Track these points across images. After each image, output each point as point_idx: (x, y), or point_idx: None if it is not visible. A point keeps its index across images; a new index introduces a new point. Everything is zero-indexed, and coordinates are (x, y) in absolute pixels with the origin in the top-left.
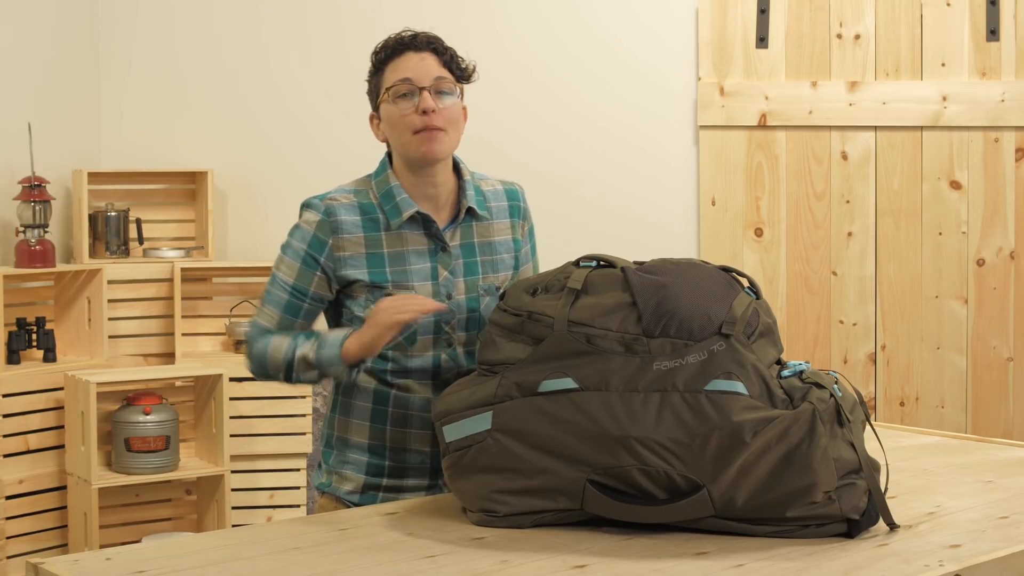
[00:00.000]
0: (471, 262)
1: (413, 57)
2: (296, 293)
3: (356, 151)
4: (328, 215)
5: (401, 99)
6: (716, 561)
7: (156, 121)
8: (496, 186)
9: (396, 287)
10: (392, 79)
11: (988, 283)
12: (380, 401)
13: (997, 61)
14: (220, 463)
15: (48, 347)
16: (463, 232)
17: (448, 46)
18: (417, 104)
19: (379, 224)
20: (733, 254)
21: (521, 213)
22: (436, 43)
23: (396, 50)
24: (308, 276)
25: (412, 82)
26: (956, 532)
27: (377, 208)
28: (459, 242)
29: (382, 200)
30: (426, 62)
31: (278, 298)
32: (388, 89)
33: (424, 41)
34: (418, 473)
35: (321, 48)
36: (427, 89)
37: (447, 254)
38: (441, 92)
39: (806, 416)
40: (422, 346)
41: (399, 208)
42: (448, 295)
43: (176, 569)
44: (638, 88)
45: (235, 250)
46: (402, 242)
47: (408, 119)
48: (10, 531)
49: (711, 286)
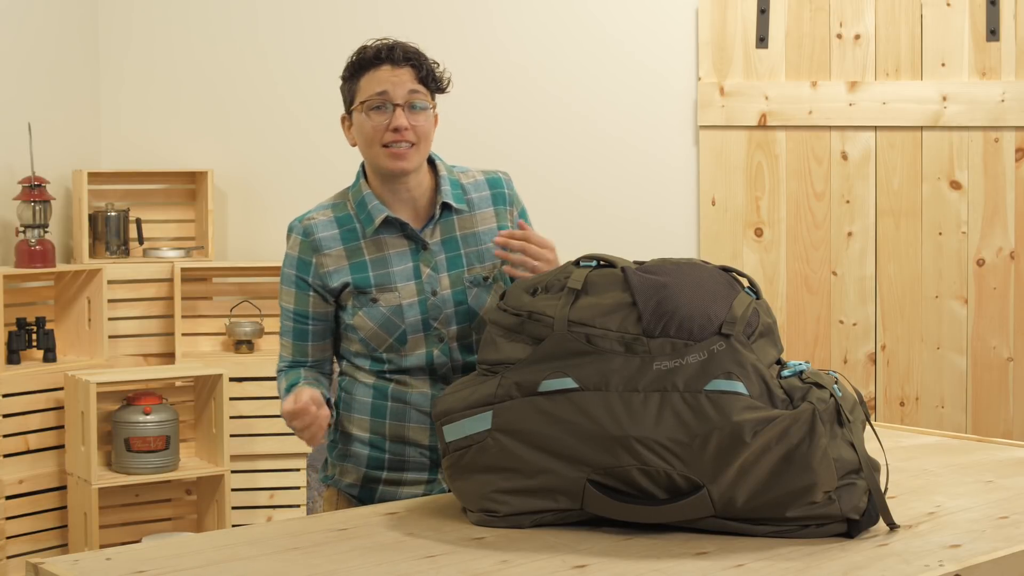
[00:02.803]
0: (454, 256)
1: (389, 71)
2: (299, 318)
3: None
4: (307, 235)
5: (374, 111)
6: (716, 561)
7: (156, 121)
8: (477, 177)
9: (380, 290)
10: (367, 91)
11: (988, 283)
12: (379, 395)
13: (997, 61)
14: (220, 463)
15: (48, 347)
16: (443, 227)
17: (426, 60)
18: (390, 120)
19: (357, 233)
20: (733, 254)
21: (506, 200)
22: (414, 58)
23: (374, 62)
24: (304, 299)
25: (387, 96)
26: (956, 532)
27: (354, 218)
28: (440, 238)
29: (357, 209)
30: (402, 76)
31: (287, 328)
32: (363, 102)
33: (402, 55)
34: (417, 466)
35: (321, 48)
36: (401, 106)
37: (428, 252)
38: (414, 106)
39: (806, 416)
40: (413, 345)
41: (371, 215)
42: (433, 291)
43: (176, 569)
44: (638, 88)
45: (235, 250)
46: (382, 247)
47: (380, 133)
48: (10, 531)
49: (711, 286)
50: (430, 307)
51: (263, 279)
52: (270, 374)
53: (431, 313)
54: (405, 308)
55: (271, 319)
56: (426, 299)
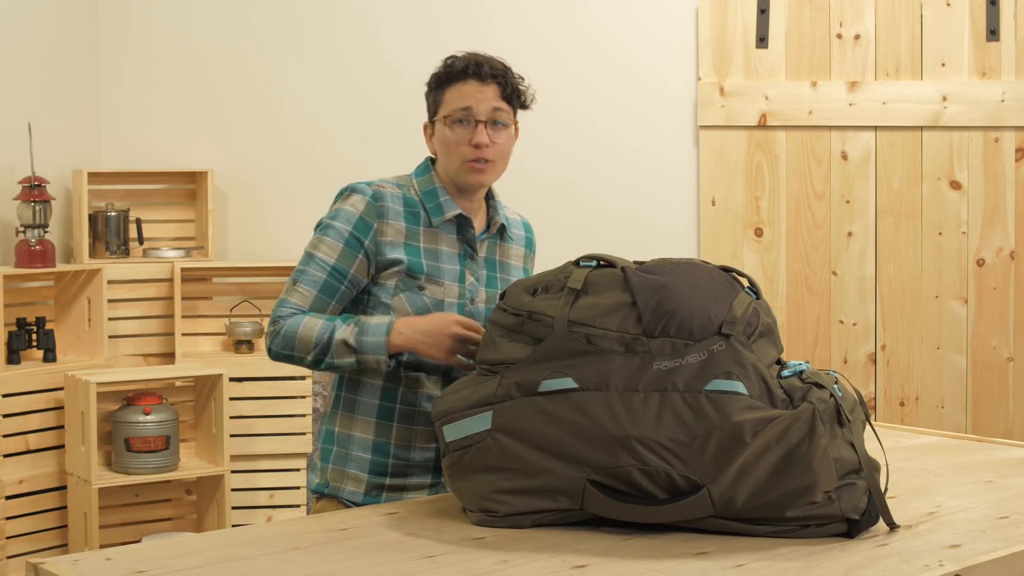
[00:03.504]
0: (492, 276)
1: (476, 86)
2: (336, 274)
3: (355, 151)
4: (376, 199)
5: (457, 125)
6: (716, 561)
7: (156, 121)
8: (515, 216)
9: (429, 280)
10: (452, 104)
11: (988, 283)
12: (388, 398)
13: (997, 61)
14: (220, 463)
15: (48, 347)
16: (489, 246)
17: (512, 77)
18: (472, 136)
19: (419, 219)
20: (733, 254)
21: (532, 246)
22: (501, 75)
23: (461, 76)
24: (350, 258)
25: (471, 113)
26: (956, 532)
27: (419, 204)
28: (484, 255)
29: (424, 198)
30: (487, 93)
31: (315, 277)
32: (447, 116)
33: (489, 72)
34: (421, 471)
35: (321, 48)
36: (484, 123)
37: (475, 262)
38: (497, 123)
39: (806, 416)
40: None
41: (442, 208)
42: (471, 300)
43: (176, 569)
44: (638, 88)
45: (235, 250)
46: (437, 240)
47: (461, 148)
48: (10, 531)
49: (711, 286)
50: (465, 314)
51: (263, 279)
52: (270, 374)
53: None
54: (446, 306)
55: None
56: (464, 304)
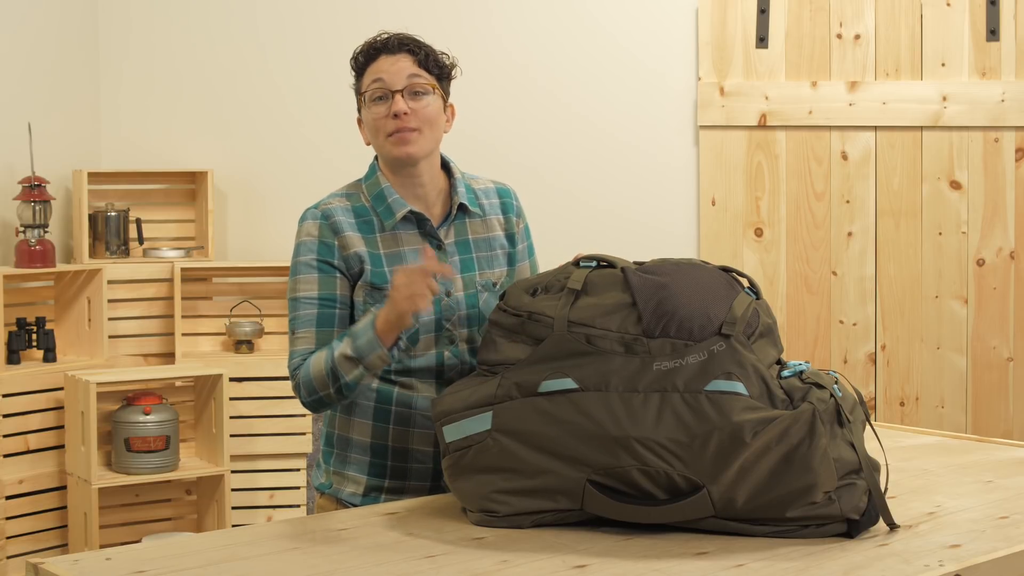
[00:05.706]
0: (467, 258)
1: (387, 60)
2: (325, 302)
3: (355, 151)
4: (326, 218)
5: (376, 102)
6: (716, 561)
7: (156, 121)
8: (487, 184)
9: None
10: (367, 83)
11: (988, 283)
12: (383, 400)
13: (997, 61)
14: (220, 463)
15: (48, 347)
16: (457, 229)
17: (424, 44)
18: (389, 107)
19: (373, 226)
20: (733, 254)
21: (515, 210)
22: (410, 43)
23: (371, 54)
24: (330, 282)
25: (385, 85)
26: (956, 532)
27: (370, 211)
28: (453, 239)
29: (374, 202)
30: (399, 64)
31: (308, 316)
32: (363, 93)
33: (397, 42)
34: (420, 475)
35: (321, 48)
36: (400, 92)
37: (443, 252)
38: (416, 92)
39: (806, 416)
40: (424, 345)
41: (392, 209)
42: (447, 292)
43: (176, 569)
44: (638, 88)
45: (235, 250)
46: (397, 242)
47: (382, 122)
48: (10, 531)
49: (711, 286)
50: (444, 308)
51: (263, 279)
52: (270, 374)
53: (445, 314)
54: None
55: (271, 319)
56: (440, 299)
